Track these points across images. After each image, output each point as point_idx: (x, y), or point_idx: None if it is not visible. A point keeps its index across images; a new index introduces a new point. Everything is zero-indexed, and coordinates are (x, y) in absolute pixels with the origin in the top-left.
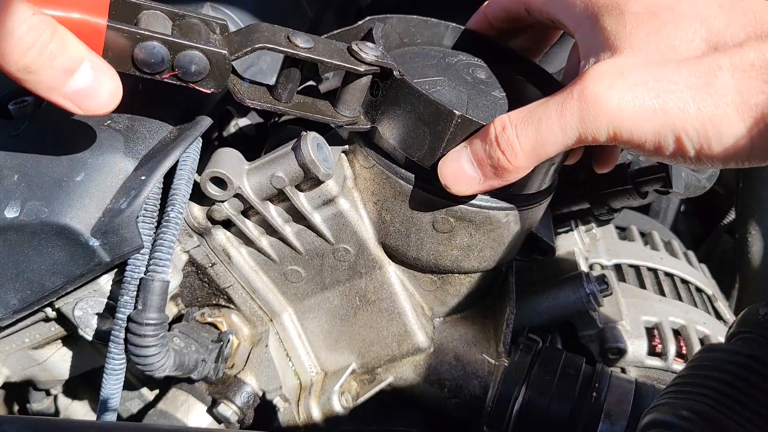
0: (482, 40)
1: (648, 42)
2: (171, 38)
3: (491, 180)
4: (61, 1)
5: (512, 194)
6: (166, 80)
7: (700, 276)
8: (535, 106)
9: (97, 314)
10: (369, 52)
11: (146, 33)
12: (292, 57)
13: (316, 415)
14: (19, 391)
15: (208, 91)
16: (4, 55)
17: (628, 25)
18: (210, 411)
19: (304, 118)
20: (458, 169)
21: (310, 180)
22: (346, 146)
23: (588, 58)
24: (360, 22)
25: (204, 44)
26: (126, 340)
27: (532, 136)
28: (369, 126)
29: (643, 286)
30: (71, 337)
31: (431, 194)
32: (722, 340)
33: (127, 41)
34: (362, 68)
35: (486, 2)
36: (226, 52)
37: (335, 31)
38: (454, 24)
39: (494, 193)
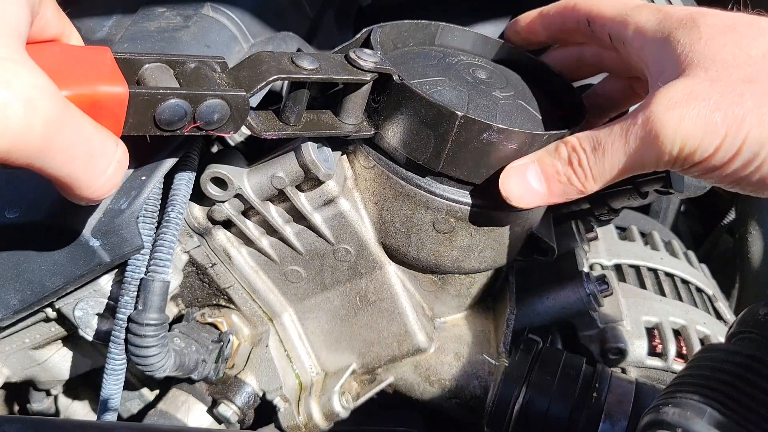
0: (489, 43)
1: (722, 52)
2: (191, 91)
3: (556, 197)
4: (82, 78)
5: None
6: (187, 134)
7: (700, 276)
8: (601, 131)
9: (97, 314)
10: (367, 59)
11: (167, 91)
12: (302, 81)
13: (317, 415)
14: (20, 391)
15: (228, 135)
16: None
17: (703, 37)
18: (210, 411)
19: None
20: (524, 183)
21: (310, 180)
22: (347, 146)
23: (656, 79)
24: (357, 36)
25: (221, 90)
26: (126, 340)
27: (600, 162)
28: (373, 132)
29: (643, 286)
30: (71, 337)
31: (432, 194)
32: (722, 340)
33: (148, 104)
34: (367, 77)
35: (548, 5)
36: (244, 93)
37: (337, 48)
38: (444, 23)
39: (495, 194)
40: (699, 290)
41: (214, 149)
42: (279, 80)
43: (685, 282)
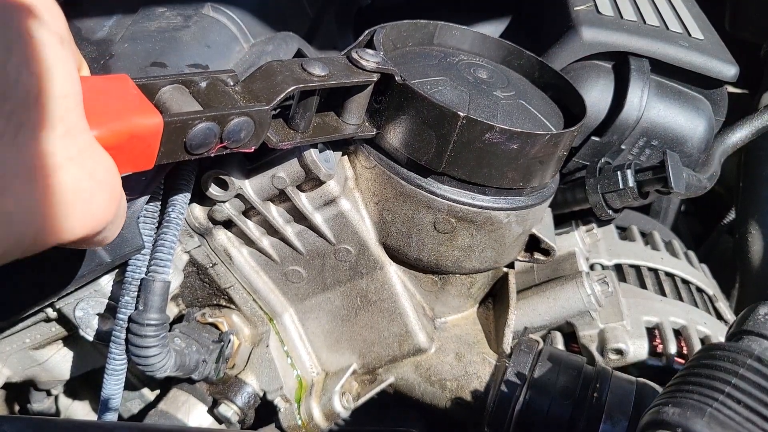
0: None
1: None
2: (219, 112)
3: None
4: (117, 113)
5: (513, 194)
6: (212, 155)
7: (700, 276)
8: None
9: (98, 315)
10: (369, 59)
11: (196, 115)
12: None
13: (317, 415)
14: (20, 391)
15: (251, 150)
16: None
17: None
18: (211, 411)
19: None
20: None
21: (311, 180)
22: (348, 146)
23: None
24: (360, 38)
25: (246, 106)
26: (127, 340)
27: None
28: (374, 132)
29: (643, 286)
30: (72, 337)
31: (432, 195)
32: (723, 339)
33: (180, 130)
34: (374, 77)
35: None
36: (267, 107)
37: (343, 52)
38: (443, 23)
39: (495, 194)
40: (699, 290)
41: None
42: (296, 90)
43: (685, 282)
